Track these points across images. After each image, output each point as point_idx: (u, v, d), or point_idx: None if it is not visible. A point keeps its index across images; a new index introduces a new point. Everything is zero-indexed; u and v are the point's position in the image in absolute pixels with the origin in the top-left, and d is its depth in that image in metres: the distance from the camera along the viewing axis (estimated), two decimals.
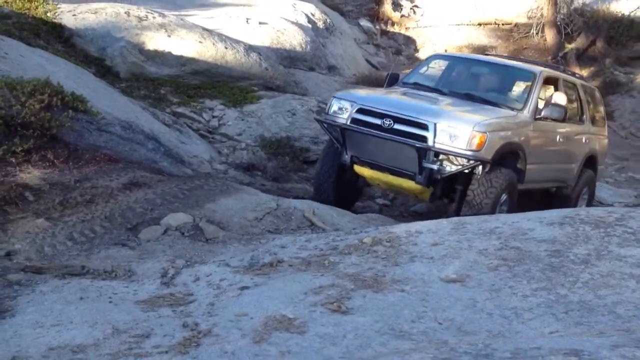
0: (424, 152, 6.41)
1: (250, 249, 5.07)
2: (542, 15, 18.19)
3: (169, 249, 4.97)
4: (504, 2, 19.14)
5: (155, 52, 9.58)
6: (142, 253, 4.88)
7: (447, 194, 6.90)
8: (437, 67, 8.46)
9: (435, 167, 6.48)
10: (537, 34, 18.36)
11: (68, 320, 3.71)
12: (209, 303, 4.05)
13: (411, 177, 6.57)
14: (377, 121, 6.54)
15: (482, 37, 18.71)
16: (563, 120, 7.44)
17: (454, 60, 8.86)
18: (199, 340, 3.48)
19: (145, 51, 9.55)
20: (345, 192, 7.33)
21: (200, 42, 9.90)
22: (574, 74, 9.27)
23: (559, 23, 17.97)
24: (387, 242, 5.09)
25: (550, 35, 17.93)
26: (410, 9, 20.26)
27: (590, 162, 8.86)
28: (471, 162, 6.42)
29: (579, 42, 17.69)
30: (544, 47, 18.16)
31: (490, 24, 19.33)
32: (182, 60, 9.68)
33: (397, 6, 20.08)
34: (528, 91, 7.46)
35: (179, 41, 9.78)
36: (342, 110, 6.82)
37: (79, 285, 4.23)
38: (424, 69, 8.44)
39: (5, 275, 4.28)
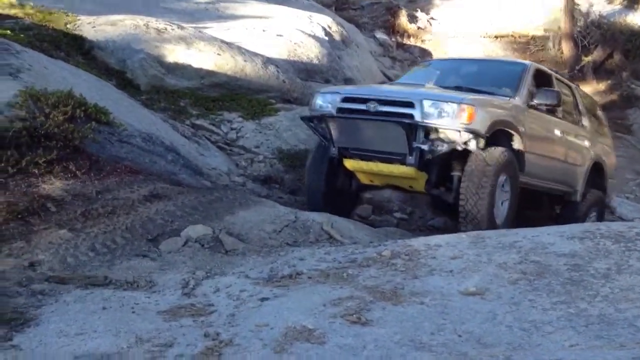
0: (412, 129, 6.17)
1: (269, 261, 5.11)
2: (559, 28, 18.18)
3: (189, 260, 5.02)
4: (520, 14, 19.15)
5: (175, 64, 9.67)
6: (162, 264, 4.93)
7: (443, 182, 6.63)
8: (428, 70, 8.49)
9: (425, 147, 6.21)
10: (553, 46, 18.34)
11: (92, 330, 3.76)
12: (230, 314, 4.09)
13: (402, 162, 6.30)
14: (362, 106, 6.35)
15: (498, 50, 18.71)
16: (558, 105, 7.29)
17: (444, 62, 9.23)
18: (220, 350, 3.52)
19: (164, 63, 9.65)
20: (339, 198, 7.11)
21: (218, 54, 10.00)
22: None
23: (575, 36, 17.94)
24: (406, 255, 5.11)
25: (567, 48, 17.90)
26: (427, 21, 20.32)
27: (598, 172, 8.65)
28: (463, 136, 6.15)
29: (596, 55, 17.65)
30: (561, 60, 18.12)
31: (507, 36, 19.32)
32: (201, 73, 9.77)
33: (413, 18, 20.13)
34: (518, 80, 7.27)
35: (197, 53, 9.88)
36: (327, 103, 6.64)
37: (102, 295, 4.28)
38: (415, 72, 8.52)
39: (30, 285, 4.35)
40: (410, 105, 6.19)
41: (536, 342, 3.64)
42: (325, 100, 6.64)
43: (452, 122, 6.08)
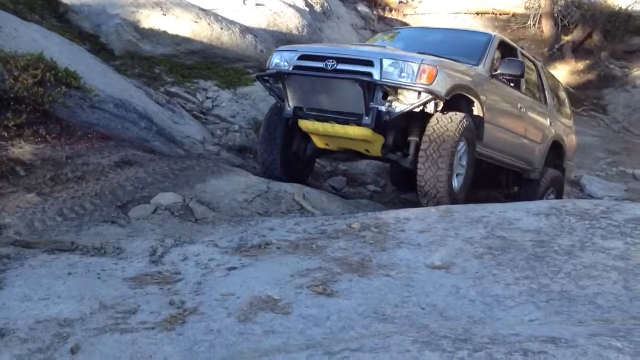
0: (370, 88, 5.94)
1: (239, 230, 5.11)
2: (539, 6, 18.19)
3: (159, 228, 5.00)
4: None
5: (151, 30, 9.54)
6: (131, 231, 4.91)
7: (400, 147, 6.42)
8: (394, 37, 8.33)
9: (383, 107, 6.00)
10: (534, 25, 18.36)
11: (56, 295, 3.75)
12: (196, 282, 4.10)
13: (358, 123, 6.08)
14: (320, 64, 6.11)
15: (479, 26, 18.67)
16: (521, 76, 7.10)
17: (410, 31, 9.26)
18: (184, 318, 3.53)
19: (140, 29, 9.52)
20: (294, 163, 6.93)
21: (195, 21, 9.87)
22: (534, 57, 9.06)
23: (556, 15, 17.97)
24: (375, 228, 5.14)
25: (547, 27, 17.94)
26: None
27: (557, 151, 8.57)
28: (422, 96, 5.96)
29: (575, 34, 17.71)
30: (541, 38, 18.17)
31: (488, 13, 19.30)
32: (177, 40, 9.65)
33: None
34: (482, 49, 7.10)
35: (174, 20, 9.75)
36: (284, 61, 6.38)
37: (68, 260, 4.26)
38: (379, 39, 8.22)
39: None
40: (369, 63, 6.00)
41: (497, 316, 3.70)
42: (282, 58, 6.41)
43: (412, 82, 5.91)
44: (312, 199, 6.19)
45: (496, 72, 6.89)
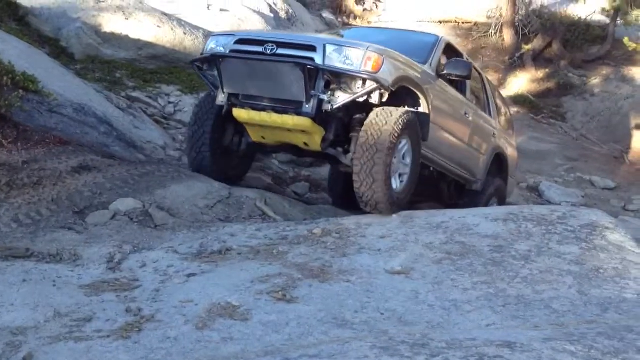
0: (312, 73, 5.52)
1: (200, 236, 5.07)
2: (501, 15, 18.48)
3: (117, 234, 4.93)
4: (464, 1, 19.39)
5: (112, 34, 9.44)
6: (88, 237, 4.83)
7: (342, 143, 6.00)
8: (340, 35, 7.69)
9: (324, 96, 5.59)
10: (495, 33, 18.65)
11: (9, 303, 3.67)
12: (155, 289, 4.06)
13: (297, 112, 5.63)
14: (259, 48, 5.68)
15: (441, 35, 18.93)
16: (468, 77, 6.68)
17: (359, 30, 9.13)
18: (141, 326, 3.48)
19: (101, 33, 9.41)
20: (226, 159, 6.47)
21: (158, 26, 9.79)
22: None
23: (517, 24, 18.28)
24: (337, 234, 5.16)
25: (508, 36, 18.23)
26: (373, 3, 20.38)
27: (499, 163, 8.21)
28: (367, 85, 5.57)
29: (536, 43, 18.02)
30: (502, 47, 18.45)
31: (451, 22, 19.55)
32: (139, 44, 9.55)
33: (359, 0, 20.16)
34: (430, 49, 6.75)
35: (136, 24, 9.66)
36: (220, 46, 5.93)
37: (23, 267, 4.18)
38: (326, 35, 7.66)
39: None
40: (312, 49, 5.62)
41: (455, 321, 3.73)
42: (218, 43, 5.97)
43: (356, 69, 5.53)
44: (274, 205, 6.17)
45: (443, 73, 6.56)
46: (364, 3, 20.24)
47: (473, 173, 7.55)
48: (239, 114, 5.91)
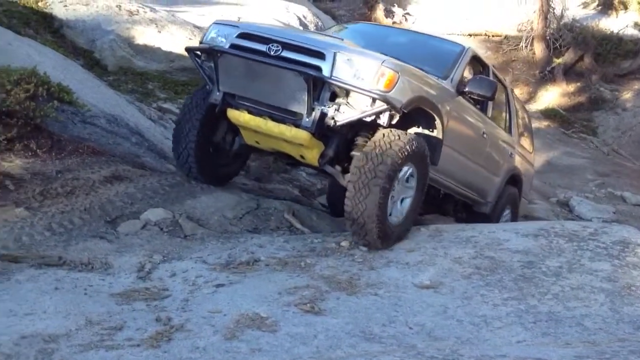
0: (317, 84, 5.01)
1: (228, 247, 5.10)
2: (531, 28, 18.37)
3: (147, 244, 4.98)
4: (494, 14, 19.32)
5: (145, 46, 9.58)
6: (119, 246, 4.89)
7: (342, 160, 5.45)
8: (354, 31, 7.24)
9: (328, 110, 5.08)
10: (526, 47, 18.53)
11: (42, 310, 3.72)
12: (184, 299, 4.09)
13: (296, 123, 5.14)
14: (262, 47, 5.16)
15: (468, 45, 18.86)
16: (491, 98, 6.09)
17: (374, 28, 8.02)
18: (170, 335, 3.51)
19: (134, 45, 9.55)
20: (216, 160, 6.07)
21: (190, 39, 9.90)
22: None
23: (548, 37, 18.15)
24: (365, 247, 5.15)
25: (538, 49, 18.11)
26: (402, 16, 20.42)
27: (513, 184, 7.71)
28: (376, 105, 5.00)
29: (567, 57, 17.87)
30: (532, 60, 18.33)
31: (481, 35, 19.49)
32: (171, 56, 9.67)
33: (389, 12, 20.21)
34: (453, 62, 6.18)
35: (169, 37, 9.79)
36: (221, 37, 5.41)
37: (55, 275, 4.24)
38: (340, 33, 6.95)
39: None
40: (320, 55, 5.04)
41: (484, 337, 3.71)
42: (219, 33, 5.44)
43: (367, 85, 4.94)
44: (301, 217, 6.18)
45: (464, 90, 5.96)
46: (393, 16, 20.28)
47: (484, 195, 7.08)
48: (233, 115, 5.46)
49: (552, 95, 17.26)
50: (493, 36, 19.45)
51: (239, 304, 3.96)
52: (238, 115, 5.42)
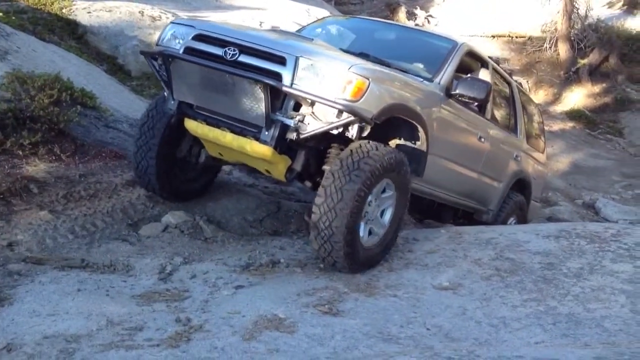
0: (276, 94, 4.45)
1: (249, 249, 5.14)
2: (556, 29, 18.22)
3: (168, 246, 5.04)
4: (518, 15, 19.19)
5: None
6: (141, 249, 4.96)
7: (311, 175, 4.99)
8: (334, 31, 6.64)
9: (290, 122, 4.48)
10: (550, 47, 18.38)
11: (64, 311, 3.79)
12: (204, 300, 4.13)
13: (256, 137, 4.59)
14: (218, 51, 4.61)
15: (495, 49, 18.73)
16: (484, 101, 5.57)
17: (355, 22, 7.11)
18: (190, 335, 3.55)
19: None
20: (182, 174, 5.56)
21: None
22: (510, 74, 7.25)
23: (572, 38, 17.99)
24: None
25: (563, 50, 17.96)
26: (425, 18, 20.37)
27: (520, 189, 7.13)
28: (343, 116, 4.41)
29: (592, 57, 17.70)
30: (557, 61, 18.18)
31: (504, 36, 19.38)
32: None
33: (411, 15, 20.19)
34: (442, 61, 5.58)
35: None
36: (177, 39, 4.87)
37: (78, 277, 4.31)
38: (318, 30, 6.37)
39: (6, 265, 4.37)
40: (281, 60, 4.47)
41: (502, 338, 3.69)
42: (175, 34, 4.89)
43: (332, 94, 4.35)
44: None
45: (454, 92, 5.40)
46: (416, 18, 20.24)
47: (485, 203, 6.63)
48: (190, 126, 4.96)
49: (577, 97, 17.10)
50: (517, 37, 19.32)
51: (258, 305, 3.99)
52: (195, 126, 4.93)
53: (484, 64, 6.28)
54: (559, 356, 3.18)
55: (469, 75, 5.73)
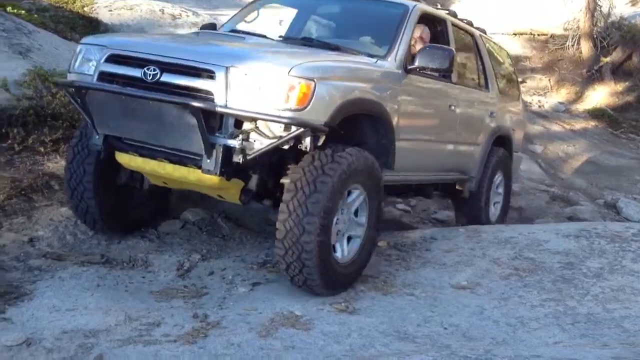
0: (211, 114, 3.80)
1: (266, 246, 5.15)
2: (578, 27, 18.01)
3: (186, 243, 5.08)
4: (540, 12, 19.01)
5: None
6: (160, 245, 4.99)
7: (271, 191, 4.40)
8: (271, 14, 6.16)
9: (234, 143, 3.84)
10: (572, 45, 18.18)
11: (83, 306, 3.83)
12: (221, 296, 4.15)
13: (198, 164, 3.98)
14: (137, 72, 3.95)
15: (517, 47, 18.57)
16: (449, 71, 4.99)
17: (293, 2, 6.25)
18: (207, 332, 3.57)
19: None
20: (125, 203, 4.95)
21: None
22: (471, 24, 6.65)
23: (595, 36, 17.76)
24: (402, 247, 5.14)
25: (585, 48, 17.74)
26: None
27: (501, 144, 6.68)
28: (292, 129, 3.83)
29: (615, 56, 17.46)
30: (579, 59, 17.96)
31: (526, 34, 19.19)
32: None
33: None
34: (394, 31, 4.96)
35: None
36: (89, 64, 4.20)
37: (97, 273, 4.36)
38: (253, 15, 5.85)
39: (27, 260, 4.43)
40: (209, 75, 3.85)
41: (520, 338, 3.66)
42: (88, 57, 4.23)
43: (274, 106, 3.78)
44: None
45: (413, 67, 4.82)
46: None
47: (465, 171, 6.15)
48: (123, 159, 4.37)
49: (600, 95, 16.88)
50: (539, 35, 19.12)
51: (275, 302, 4.00)
52: (128, 160, 4.33)
53: (441, 23, 5.68)
54: (576, 356, 3.15)
55: (427, 45, 5.03)
